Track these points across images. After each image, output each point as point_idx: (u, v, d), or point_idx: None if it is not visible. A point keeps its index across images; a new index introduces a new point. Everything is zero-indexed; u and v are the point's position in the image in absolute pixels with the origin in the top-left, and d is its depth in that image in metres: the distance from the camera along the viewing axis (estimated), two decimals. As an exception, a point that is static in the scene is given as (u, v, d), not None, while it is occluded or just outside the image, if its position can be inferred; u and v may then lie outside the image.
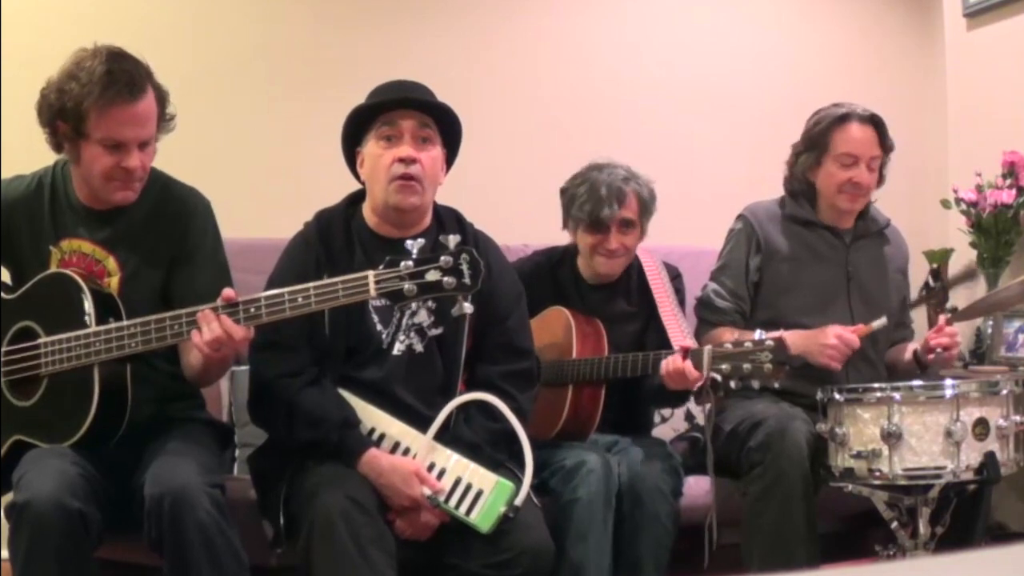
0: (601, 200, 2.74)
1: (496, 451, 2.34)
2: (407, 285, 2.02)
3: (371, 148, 2.42)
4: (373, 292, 2.04)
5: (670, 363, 2.51)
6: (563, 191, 2.87)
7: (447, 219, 2.52)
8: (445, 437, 2.32)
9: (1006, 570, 0.99)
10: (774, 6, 4.23)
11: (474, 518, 2.21)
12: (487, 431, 2.34)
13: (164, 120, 2.32)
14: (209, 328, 2.07)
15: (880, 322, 2.70)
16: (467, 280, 2.03)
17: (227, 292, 2.10)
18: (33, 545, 1.98)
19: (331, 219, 2.48)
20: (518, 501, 2.21)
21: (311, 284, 2.09)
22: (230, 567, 2.08)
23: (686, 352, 2.50)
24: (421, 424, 2.32)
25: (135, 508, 2.10)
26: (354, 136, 2.47)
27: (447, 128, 2.47)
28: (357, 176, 2.51)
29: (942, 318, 2.74)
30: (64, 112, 2.21)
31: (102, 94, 2.17)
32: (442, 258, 2.03)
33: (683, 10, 4.11)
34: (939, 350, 2.72)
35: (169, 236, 2.34)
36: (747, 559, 2.61)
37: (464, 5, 3.86)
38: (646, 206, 2.81)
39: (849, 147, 2.88)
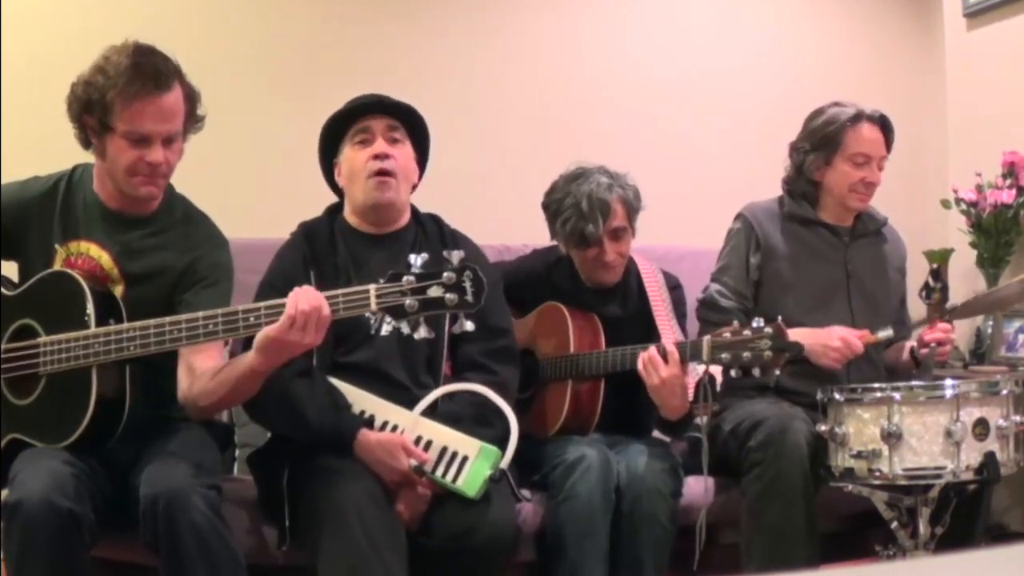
0: (585, 216, 2.68)
1: (481, 425, 2.38)
2: (408, 300, 2.02)
3: (347, 153, 2.55)
4: (374, 306, 2.05)
5: (647, 358, 2.54)
6: (545, 206, 2.82)
7: (426, 220, 2.63)
8: (429, 414, 2.37)
9: (1006, 570, 0.99)
10: (774, 6, 4.23)
11: (460, 484, 2.25)
12: (472, 404, 2.40)
13: (193, 119, 2.33)
14: (310, 299, 2.06)
15: (886, 333, 2.70)
16: (469, 297, 2.03)
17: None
18: (25, 544, 1.98)
19: (314, 224, 2.61)
20: (503, 464, 2.25)
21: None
22: (226, 568, 2.08)
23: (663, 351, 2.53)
24: (410, 403, 2.37)
25: (132, 508, 2.10)
26: (330, 150, 2.60)
27: (415, 130, 2.59)
28: (334, 188, 2.63)
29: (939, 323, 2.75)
30: (90, 105, 2.23)
31: (127, 86, 2.20)
32: (445, 274, 2.02)
33: (683, 10, 4.11)
34: (933, 345, 2.72)
35: (180, 264, 2.34)
36: (747, 559, 2.61)
37: (466, 6, 3.86)
38: (633, 208, 2.76)
39: (863, 147, 2.89)
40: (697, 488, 2.68)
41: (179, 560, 2.04)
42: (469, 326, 2.11)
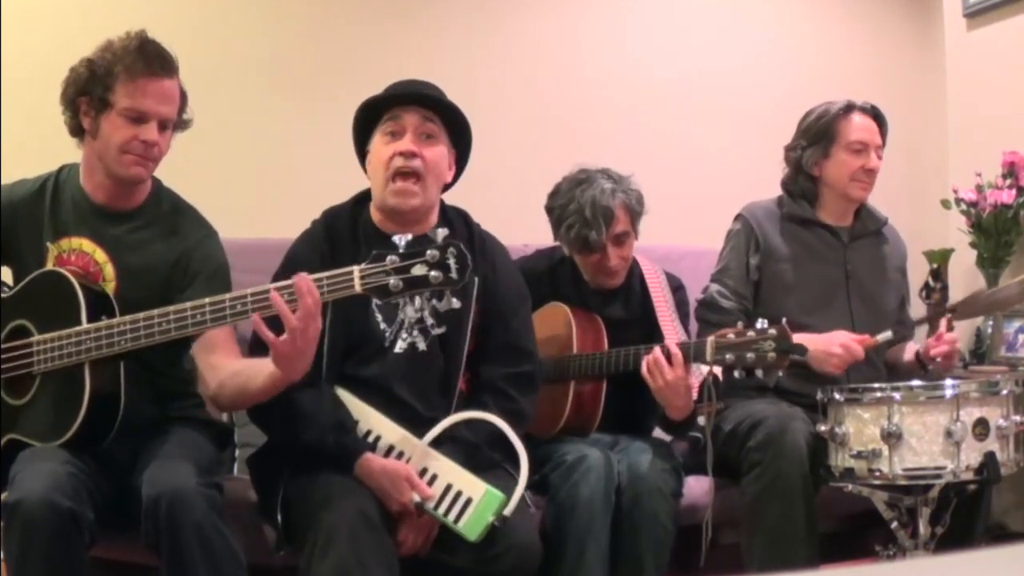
0: (588, 223, 2.67)
1: (494, 449, 2.33)
2: (392, 280, 1.99)
3: (375, 144, 2.43)
4: (358, 287, 2.01)
5: (651, 361, 2.53)
6: (548, 209, 2.82)
7: (455, 219, 2.52)
8: (443, 438, 2.31)
9: (1006, 570, 0.99)
10: (774, 6, 4.23)
11: (461, 526, 2.19)
12: (486, 433, 2.33)
13: (181, 117, 2.36)
14: (311, 292, 2.01)
15: (885, 335, 2.68)
16: (454, 274, 1.99)
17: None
18: (25, 544, 1.98)
19: (337, 217, 2.49)
20: (507, 511, 2.19)
21: (290, 283, 2.05)
22: (227, 568, 2.07)
23: (667, 352, 2.52)
24: (418, 424, 2.31)
25: (132, 508, 2.10)
26: (364, 134, 2.47)
27: (455, 128, 2.46)
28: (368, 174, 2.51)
29: (943, 324, 2.75)
30: (92, 82, 2.25)
31: (133, 63, 2.24)
32: (428, 252, 1.99)
33: (683, 10, 4.11)
34: (939, 360, 2.75)
35: (171, 257, 2.34)
36: (747, 559, 2.61)
37: (466, 6, 3.86)
38: (635, 213, 2.76)
39: (859, 135, 2.91)
40: (698, 488, 2.68)
41: (181, 560, 2.04)
42: (455, 303, 2.08)
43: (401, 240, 2.03)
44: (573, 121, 3.90)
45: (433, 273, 1.99)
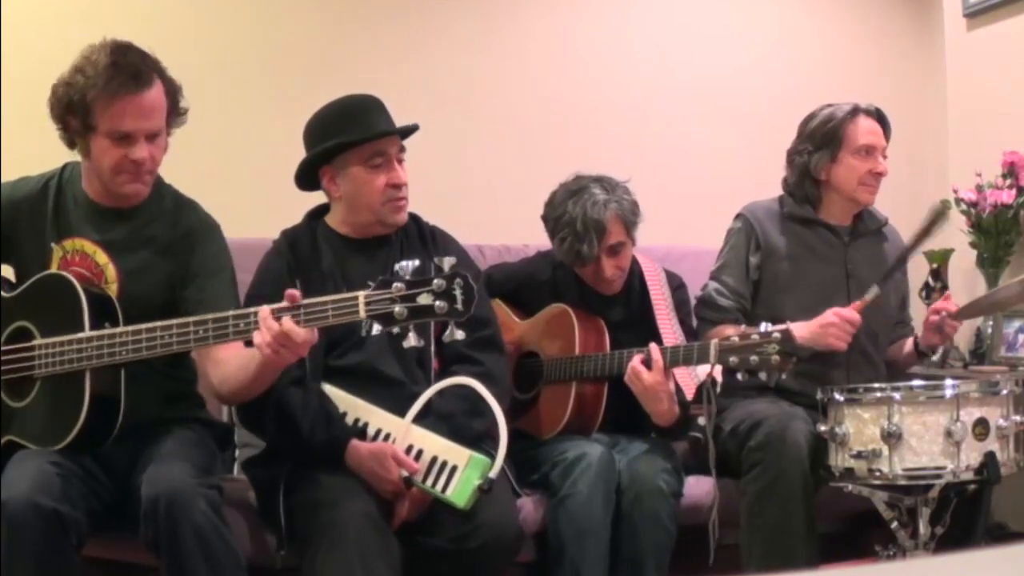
0: (580, 237, 2.67)
1: (472, 417, 2.37)
2: (398, 308, 1.99)
3: (356, 171, 2.49)
4: (363, 314, 2.02)
5: (631, 366, 2.55)
6: (544, 219, 2.81)
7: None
8: (424, 413, 2.35)
9: (1006, 570, 0.99)
10: (774, 6, 4.23)
11: (450, 494, 2.23)
12: (462, 398, 2.37)
13: (176, 113, 2.33)
14: (268, 328, 2.05)
15: (873, 291, 2.70)
16: (459, 305, 1.99)
17: (291, 292, 2.10)
18: (10, 544, 1.98)
19: (296, 232, 2.59)
20: (492, 474, 2.23)
21: (301, 303, 2.07)
22: (227, 568, 2.08)
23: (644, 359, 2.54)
24: (407, 400, 2.35)
25: (132, 509, 2.10)
26: (325, 154, 2.52)
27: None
28: (305, 185, 2.59)
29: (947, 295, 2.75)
30: (72, 106, 2.23)
31: (106, 85, 2.19)
32: (435, 281, 1.99)
33: (683, 10, 4.10)
34: (944, 312, 2.71)
35: (174, 254, 2.34)
36: (747, 559, 2.61)
37: (466, 6, 3.86)
38: (630, 223, 2.74)
39: (866, 139, 2.91)
40: (698, 488, 2.68)
41: (180, 560, 2.05)
42: (459, 335, 2.09)
43: (408, 266, 2.06)
44: (573, 121, 3.89)
45: (439, 303, 1.99)
